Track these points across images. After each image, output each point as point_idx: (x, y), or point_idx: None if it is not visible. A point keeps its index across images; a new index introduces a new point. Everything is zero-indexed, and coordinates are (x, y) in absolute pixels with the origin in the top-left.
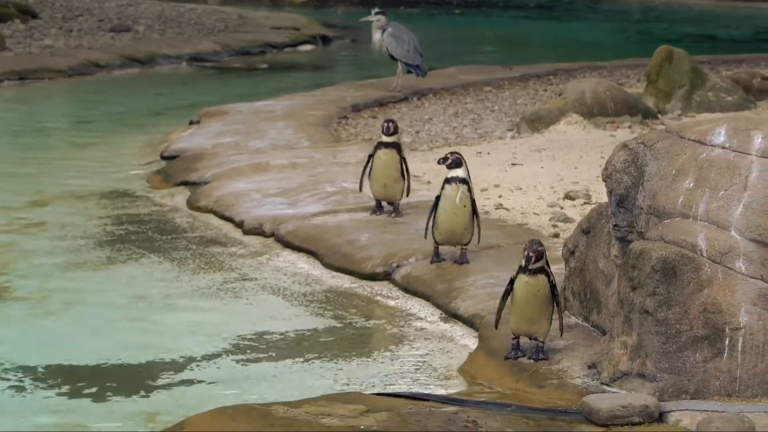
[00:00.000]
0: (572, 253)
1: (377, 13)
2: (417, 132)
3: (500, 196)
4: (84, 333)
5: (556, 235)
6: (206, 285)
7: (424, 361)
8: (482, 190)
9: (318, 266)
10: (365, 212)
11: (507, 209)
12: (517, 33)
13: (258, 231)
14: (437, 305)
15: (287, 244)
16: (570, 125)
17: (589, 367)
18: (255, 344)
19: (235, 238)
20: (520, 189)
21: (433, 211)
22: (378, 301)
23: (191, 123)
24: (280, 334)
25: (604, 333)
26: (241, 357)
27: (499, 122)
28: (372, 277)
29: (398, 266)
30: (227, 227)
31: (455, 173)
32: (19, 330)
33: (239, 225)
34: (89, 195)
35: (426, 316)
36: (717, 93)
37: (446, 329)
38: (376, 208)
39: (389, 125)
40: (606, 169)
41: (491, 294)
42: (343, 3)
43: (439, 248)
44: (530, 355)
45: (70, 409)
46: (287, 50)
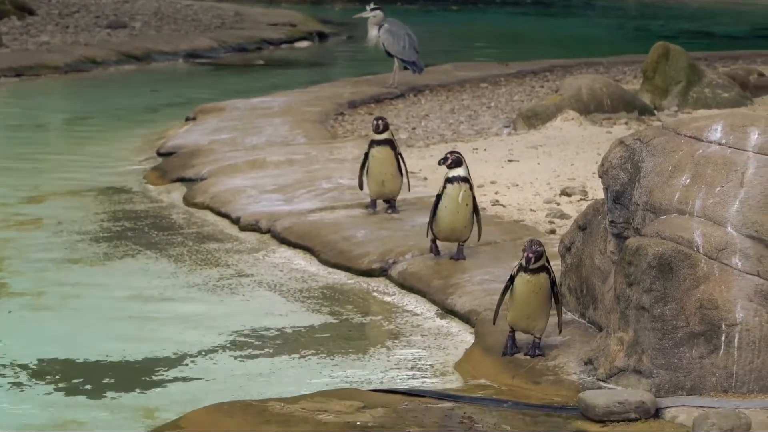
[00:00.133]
0: (569, 250)
1: (373, 9)
2: (413, 128)
3: (497, 193)
4: (80, 329)
5: (553, 232)
6: (202, 281)
7: (421, 358)
8: (479, 187)
9: (314, 262)
10: (362, 209)
11: (503, 206)
12: (514, 29)
13: (254, 227)
14: (433, 301)
15: (283, 241)
16: (566, 122)
17: (586, 364)
18: (251, 340)
19: (232, 235)
20: (517, 185)
21: (434, 210)
22: (374, 298)
23: (188, 119)
24: (277, 331)
25: (601, 329)
26: (238, 353)
27: (496, 119)
28: (368, 274)
29: (395, 262)
30: (223, 224)
31: (456, 172)
32: (15, 326)
33: (236, 221)
34: (86, 191)
35: (422, 313)
36: (713, 89)
37: (442, 325)
38: (371, 206)
39: (378, 123)
40: (602, 166)
41: (487, 290)
42: None
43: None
44: (526, 351)
45: (66, 405)
46: (284, 47)
